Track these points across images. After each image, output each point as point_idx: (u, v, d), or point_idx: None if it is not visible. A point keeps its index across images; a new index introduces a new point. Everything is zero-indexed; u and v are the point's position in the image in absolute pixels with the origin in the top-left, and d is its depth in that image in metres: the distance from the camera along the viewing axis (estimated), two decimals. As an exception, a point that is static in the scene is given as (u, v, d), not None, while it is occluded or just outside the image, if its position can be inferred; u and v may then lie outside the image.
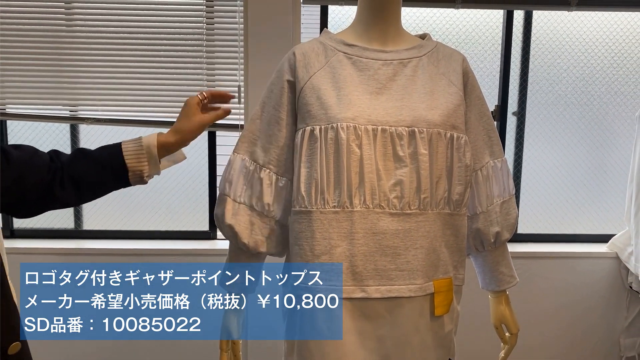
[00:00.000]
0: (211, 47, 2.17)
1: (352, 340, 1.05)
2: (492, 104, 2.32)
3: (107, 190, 1.06)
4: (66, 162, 1.00)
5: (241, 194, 1.14)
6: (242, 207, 1.14)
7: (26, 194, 0.95)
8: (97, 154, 1.02)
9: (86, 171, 1.01)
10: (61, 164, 0.99)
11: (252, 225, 1.14)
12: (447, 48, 1.19)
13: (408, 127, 1.05)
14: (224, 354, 1.18)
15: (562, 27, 2.34)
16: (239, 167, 1.16)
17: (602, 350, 2.36)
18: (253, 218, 1.14)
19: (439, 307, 1.10)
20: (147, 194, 2.33)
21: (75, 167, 1.00)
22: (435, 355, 1.12)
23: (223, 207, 1.15)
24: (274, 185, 1.14)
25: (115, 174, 1.03)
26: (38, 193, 0.96)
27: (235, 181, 1.15)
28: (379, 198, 1.05)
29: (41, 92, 2.18)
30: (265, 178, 1.14)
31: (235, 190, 1.14)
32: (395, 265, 1.05)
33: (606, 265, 2.32)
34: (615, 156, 2.44)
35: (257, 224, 1.14)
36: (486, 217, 1.20)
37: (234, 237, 1.15)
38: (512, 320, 1.30)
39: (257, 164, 1.14)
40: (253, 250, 1.15)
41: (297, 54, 1.13)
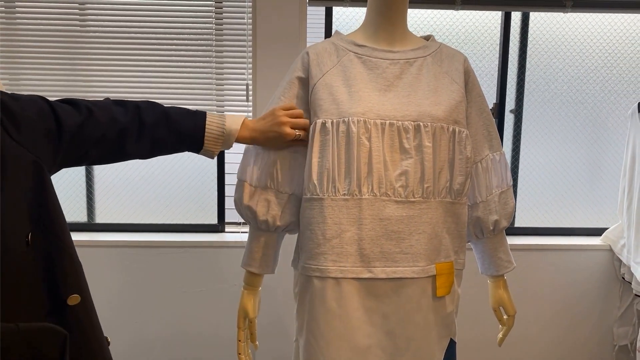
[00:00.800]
0: (220, 46, 2.23)
1: (359, 316, 1.13)
2: (490, 101, 2.36)
3: (175, 152, 1.15)
4: (150, 123, 1.07)
5: (257, 177, 1.22)
6: (257, 189, 1.22)
7: (89, 151, 1.01)
8: (181, 123, 1.10)
9: (165, 138, 1.09)
10: (143, 123, 1.06)
11: (269, 203, 1.22)
12: (449, 49, 1.27)
13: (414, 121, 1.14)
14: (241, 332, 1.27)
15: (558, 28, 2.38)
16: (254, 153, 1.24)
17: (596, 338, 2.40)
18: (269, 197, 1.22)
19: (441, 289, 1.18)
20: (157, 189, 2.39)
21: (157, 131, 1.08)
22: (436, 333, 1.20)
23: (241, 192, 1.23)
24: (288, 165, 1.22)
25: (190, 146, 1.13)
26: (102, 149, 1.02)
27: (252, 166, 1.23)
28: (385, 187, 1.13)
29: (55, 89, 2.23)
30: (279, 160, 1.22)
31: (252, 175, 1.23)
32: (400, 248, 1.13)
33: (600, 257, 2.36)
34: (609, 152, 2.48)
35: (272, 201, 1.22)
36: (485, 206, 1.28)
37: (253, 217, 1.23)
38: (510, 303, 1.38)
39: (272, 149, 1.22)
40: (272, 226, 1.23)
41: (311, 53, 1.21)
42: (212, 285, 2.27)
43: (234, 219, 2.46)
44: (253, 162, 1.24)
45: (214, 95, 2.26)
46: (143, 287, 2.27)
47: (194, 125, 1.12)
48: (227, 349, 2.29)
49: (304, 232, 1.20)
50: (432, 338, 1.19)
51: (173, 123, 1.10)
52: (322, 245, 1.14)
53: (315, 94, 1.18)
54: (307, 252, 1.18)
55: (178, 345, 2.31)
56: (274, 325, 2.24)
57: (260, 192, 1.22)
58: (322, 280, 1.14)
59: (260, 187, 1.22)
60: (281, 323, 2.25)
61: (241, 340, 1.27)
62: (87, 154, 1.01)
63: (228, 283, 2.26)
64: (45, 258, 0.86)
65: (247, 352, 1.28)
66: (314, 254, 1.16)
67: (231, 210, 2.42)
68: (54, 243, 0.88)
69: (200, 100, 2.26)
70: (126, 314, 2.28)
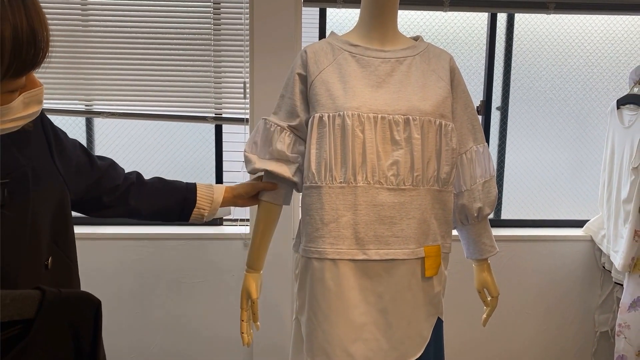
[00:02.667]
0: (218, 45, 2.29)
1: (355, 295, 1.23)
2: (477, 99, 2.45)
3: (168, 218, 1.27)
4: (148, 182, 1.23)
5: (265, 152, 1.33)
6: (266, 160, 1.33)
7: (102, 196, 1.14)
8: (175, 185, 1.27)
9: (157, 199, 1.23)
10: (142, 182, 1.21)
11: (279, 164, 1.32)
12: (436, 48, 1.37)
13: (404, 115, 1.23)
14: (244, 312, 1.35)
15: (542, 29, 2.46)
16: (263, 128, 1.34)
17: (579, 325, 2.50)
18: (279, 162, 1.32)
19: (429, 270, 1.27)
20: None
21: (152, 190, 1.23)
22: (425, 311, 1.30)
23: (252, 163, 1.33)
24: (293, 144, 1.32)
25: (182, 208, 1.27)
26: (112, 198, 1.15)
27: (261, 143, 1.33)
28: (378, 175, 1.22)
29: (58, 88, 2.29)
30: (286, 138, 1.31)
31: (261, 150, 1.33)
32: (392, 232, 1.23)
33: (582, 248, 2.45)
34: (590, 147, 2.57)
35: (283, 163, 1.32)
36: (470, 195, 1.38)
37: (268, 174, 1.33)
38: (493, 285, 1.47)
39: (279, 126, 1.32)
40: (285, 174, 1.31)
41: (309, 52, 1.31)
42: (211, 277, 2.35)
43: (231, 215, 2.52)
44: (262, 136, 1.34)
45: (212, 94, 2.33)
46: (143, 279, 2.34)
47: (187, 187, 1.29)
48: (225, 340, 2.37)
49: (304, 217, 1.29)
50: (421, 315, 1.29)
51: (167, 185, 1.26)
52: (320, 229, 1.23)
53: (313, 90, 1.27)
54: (307, 236, 1.27)
55: (177, 335, 2.38)
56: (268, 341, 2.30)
57: (269, 160, 1.33)
58: (321, 261, 1.23)
59: (267, 159, 1.33)
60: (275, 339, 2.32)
61: (244, 320, 1.36)
62: (101, 199, 1.14)
63: (227, 274, 2.33)
64: (58, 281, 0.92)
65: (249, 331, 1.36)
66: (313, 237, 1.25)
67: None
68: (66, 265, 0.96)
69: (199, 98, 2.33)
70: (126, 305, 2.34)
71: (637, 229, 2.08)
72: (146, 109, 2.35)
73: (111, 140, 2.46)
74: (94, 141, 2.47)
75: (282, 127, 1.31)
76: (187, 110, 2.35)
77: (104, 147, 2.46)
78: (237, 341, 2.08)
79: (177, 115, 2.36)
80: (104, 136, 2.46)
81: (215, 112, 2.35)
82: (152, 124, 2.44)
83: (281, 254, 1.54)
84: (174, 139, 2.47)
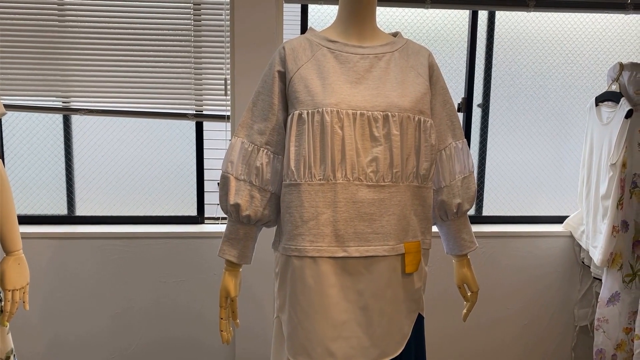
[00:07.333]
0: (199, 41, 2.27)
1: (336, 293, 1.22)
2: (458, 96, 2.46)
3: None
4: None
5: (242, 172, 1.29)
6: (242, 183, 1.29)
7: None
8: None
9: None
10: None
11: (252, 198, 1.29)
12: (415, 45, 1.37)
13: (382, 111, 1.22)
14: (223, 310, 1.34)
15: (522, 27, 2.48)
16: (239, 149, 1.30)
17: (559, 319, 2.53)
18: (253, 192, 1.29)
19: (409, 266, 1.27)
20: (138, 182, 2.44)
21: None
22: (405, 307, 1.30)
23: (227, 188, 1.29)
24: (271, 163, 1.30)
25: None
26: None
27: (237, 161, 1.30)
28: (358, 172, 1.22)
29: (35, 84, 2.25)
30: (264, 157, 1.29)
31: (237, 169, 1.29)
32: (372, 229, 1.22)
33: (562, 243, 2.49)
34: (570, 144, 2.60)
35: (256, 197, 1.29)
36: (449, 191, 1.38)
37: (236, 211, 1.29)
38: (473, 281, 1.48)
39: (255, 145, 1.30)
40: (253, 219, 1.30)
41: (287, 48, 1.29)
42: (193, 275, 2.33)
43: (212, 213, 2.51)
44: (238, 156, 1.30)
45: (193, 90, 2.31)
46: (123, 278, 2.31)
47: None
48: (207, 339, 2.36)
49: (284, 215, 1.28)
50: (401, 312, 1.28)
51: None
52: (300, 227, 1.22)
53: (292, 87, 1.26)
54: (287, 234, 1.26)
55: (159, 334, 2.36)
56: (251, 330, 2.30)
57: (244, 186, 1.29)
58: (301, 259, 1.22)
59: (246, 181, 1.29)
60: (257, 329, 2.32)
61: (223, 318, 1.34)
62: None
63: (208, 273, 2.32)
64: None
65: (228, 329, 1.35)
66: (292, 235, 1.24)
67: (211, 205, 2.47)
68: None
69: (179, 94, 2.30)
70: (107, 304, 2.31)
71: (615, 224, 2.11)
72: (125, 106, 2.32)
73: (89, 138, 2.42)
74: (72, 139, 2.42)
75: (258, 147, 1.29)
76: (168, 107, 2.32)
77: (82, 145, 2.42)
78: (219, 340, 2.07)
79: (158, 112, 2.33)
80: (82, 134, 2.42)
81: (196, 109, 2.33)
82: (132, 121, 2.41)
83: (262, 251, 1.53)
84: (154, 136, 2.44)
